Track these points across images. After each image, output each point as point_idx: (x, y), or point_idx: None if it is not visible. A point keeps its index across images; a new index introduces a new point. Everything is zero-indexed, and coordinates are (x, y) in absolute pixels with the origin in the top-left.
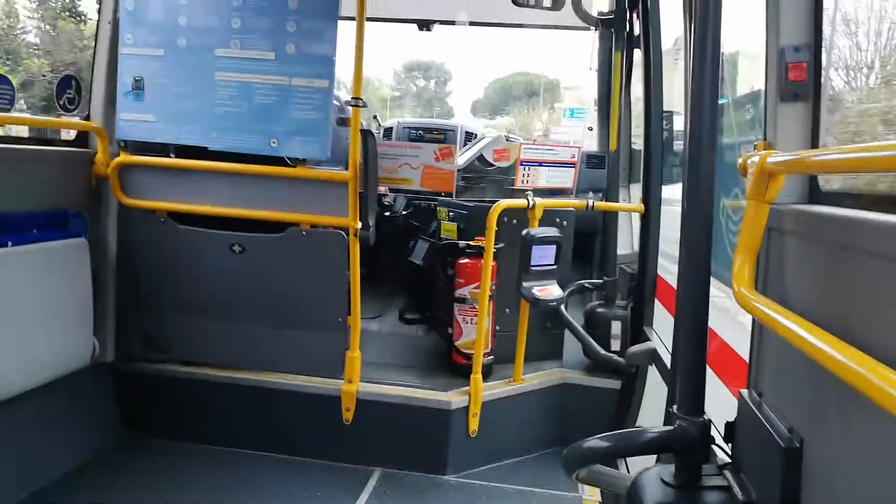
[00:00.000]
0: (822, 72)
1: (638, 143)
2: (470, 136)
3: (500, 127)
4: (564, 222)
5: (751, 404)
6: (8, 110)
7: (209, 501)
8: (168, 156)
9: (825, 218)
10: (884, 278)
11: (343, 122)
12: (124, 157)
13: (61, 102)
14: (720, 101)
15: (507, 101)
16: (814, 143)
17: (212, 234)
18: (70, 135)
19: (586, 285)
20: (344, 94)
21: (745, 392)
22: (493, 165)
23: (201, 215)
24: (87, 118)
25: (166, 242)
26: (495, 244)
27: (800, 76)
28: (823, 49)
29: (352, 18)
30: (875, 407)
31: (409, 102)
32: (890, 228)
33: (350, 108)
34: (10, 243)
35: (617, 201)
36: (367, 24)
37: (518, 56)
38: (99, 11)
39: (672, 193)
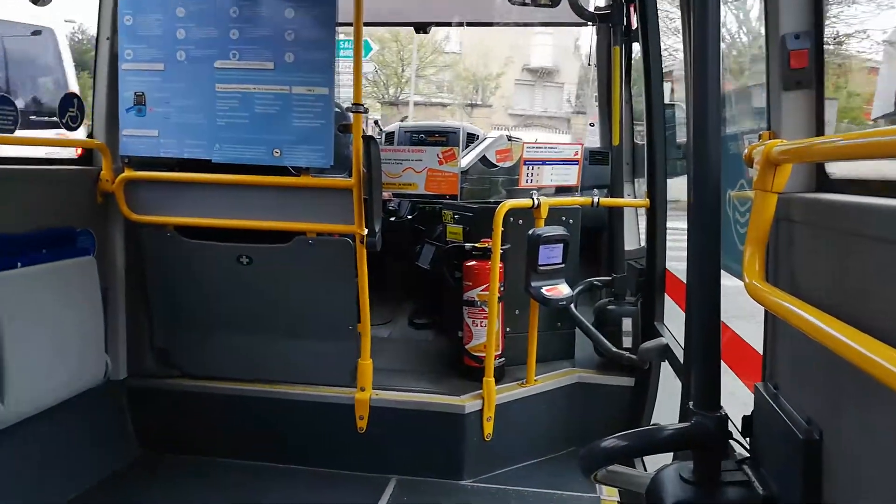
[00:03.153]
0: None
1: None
2: (472, 138)
3: None
4: (570, 220)
5: (767, 397)
6: (12, 131)
7: None
8: (172, 170)
9: (835, 206)
10: None
11: (345, 128)
12: (129, 173)
13: (64, 121)
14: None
15: None
16: (818, 131)
17: (219, 247)
18: (74, 153)
19: (595, 283)
20: None
21: (760, 385)
22: (497, 166)
23: (208, 228)
24: (91, 136)
25: (174, 257)
26: (502, 245)
27: (802, 63)
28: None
29: (349, 24)
30: (894, 394)
31: None
32: None
33: (351, 114)
34: (19, 264)
35: (622, 197)
36: (364, 28)
37: None
38: (98, 28)
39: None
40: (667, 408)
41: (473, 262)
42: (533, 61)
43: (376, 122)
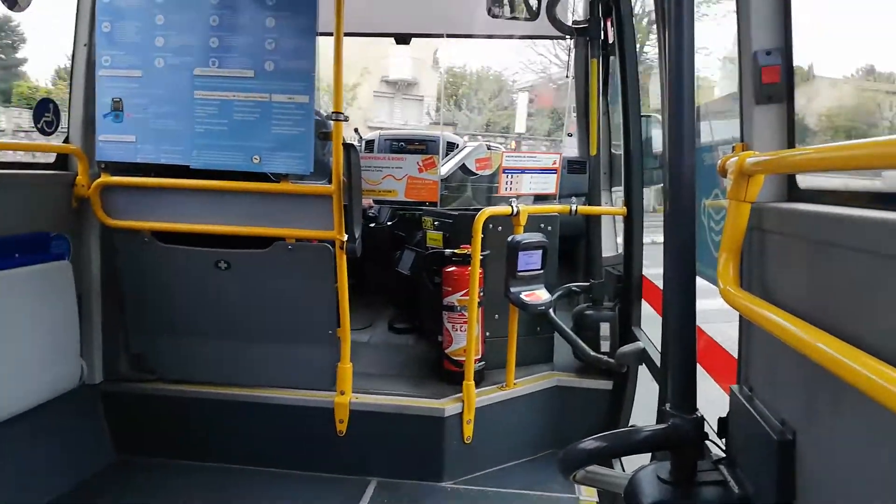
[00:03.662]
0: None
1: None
2: (451, 147)
3: None
4: (549, 227)
5: (742, 399)
6: None
7: None
8: (149, 175)
9: (805, 215)
10: (863, 272)
11: (325, 136)
12: (105, 178)
13: (39, 126)
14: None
15: None
16: (790, 143)
17: (197, 252)
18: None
19: (574, 288)
20: None
21: (735, 388)
22: (476, 174)
23: (186, 233)
24: (67, 140)
25: (151, 261)
26: (481, 251)
27: (773, 79)
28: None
29: (330, 34)
30: (864, 396)
31: None
32: (867, 223)
33: (332, 122)
34: None
35: (599, 205)
36: (345, 39)
37: None
38: (75, 34)
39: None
40: (644, 410)
41: (453, 268)
42: (391, 73)
43: (356, 130)
